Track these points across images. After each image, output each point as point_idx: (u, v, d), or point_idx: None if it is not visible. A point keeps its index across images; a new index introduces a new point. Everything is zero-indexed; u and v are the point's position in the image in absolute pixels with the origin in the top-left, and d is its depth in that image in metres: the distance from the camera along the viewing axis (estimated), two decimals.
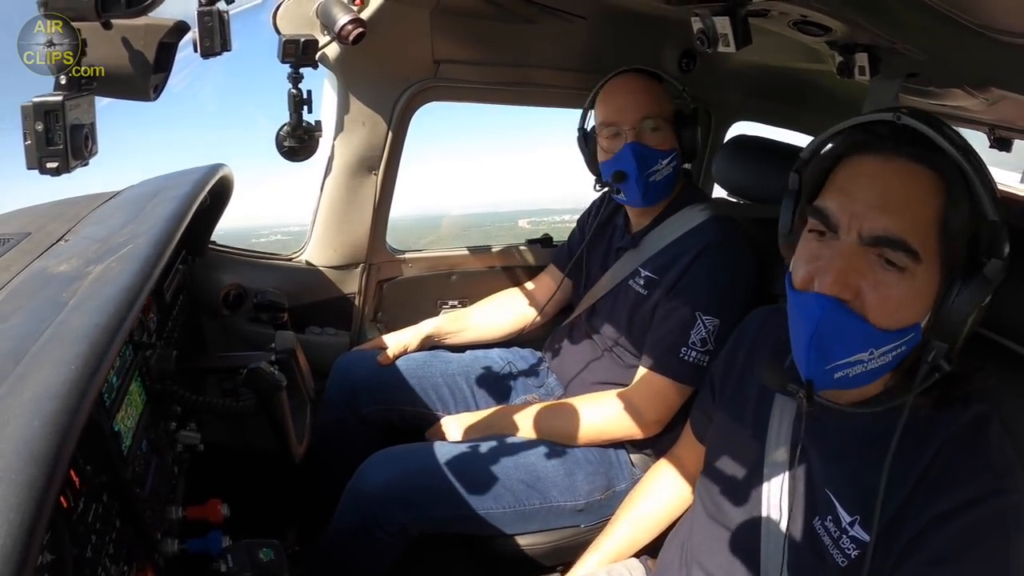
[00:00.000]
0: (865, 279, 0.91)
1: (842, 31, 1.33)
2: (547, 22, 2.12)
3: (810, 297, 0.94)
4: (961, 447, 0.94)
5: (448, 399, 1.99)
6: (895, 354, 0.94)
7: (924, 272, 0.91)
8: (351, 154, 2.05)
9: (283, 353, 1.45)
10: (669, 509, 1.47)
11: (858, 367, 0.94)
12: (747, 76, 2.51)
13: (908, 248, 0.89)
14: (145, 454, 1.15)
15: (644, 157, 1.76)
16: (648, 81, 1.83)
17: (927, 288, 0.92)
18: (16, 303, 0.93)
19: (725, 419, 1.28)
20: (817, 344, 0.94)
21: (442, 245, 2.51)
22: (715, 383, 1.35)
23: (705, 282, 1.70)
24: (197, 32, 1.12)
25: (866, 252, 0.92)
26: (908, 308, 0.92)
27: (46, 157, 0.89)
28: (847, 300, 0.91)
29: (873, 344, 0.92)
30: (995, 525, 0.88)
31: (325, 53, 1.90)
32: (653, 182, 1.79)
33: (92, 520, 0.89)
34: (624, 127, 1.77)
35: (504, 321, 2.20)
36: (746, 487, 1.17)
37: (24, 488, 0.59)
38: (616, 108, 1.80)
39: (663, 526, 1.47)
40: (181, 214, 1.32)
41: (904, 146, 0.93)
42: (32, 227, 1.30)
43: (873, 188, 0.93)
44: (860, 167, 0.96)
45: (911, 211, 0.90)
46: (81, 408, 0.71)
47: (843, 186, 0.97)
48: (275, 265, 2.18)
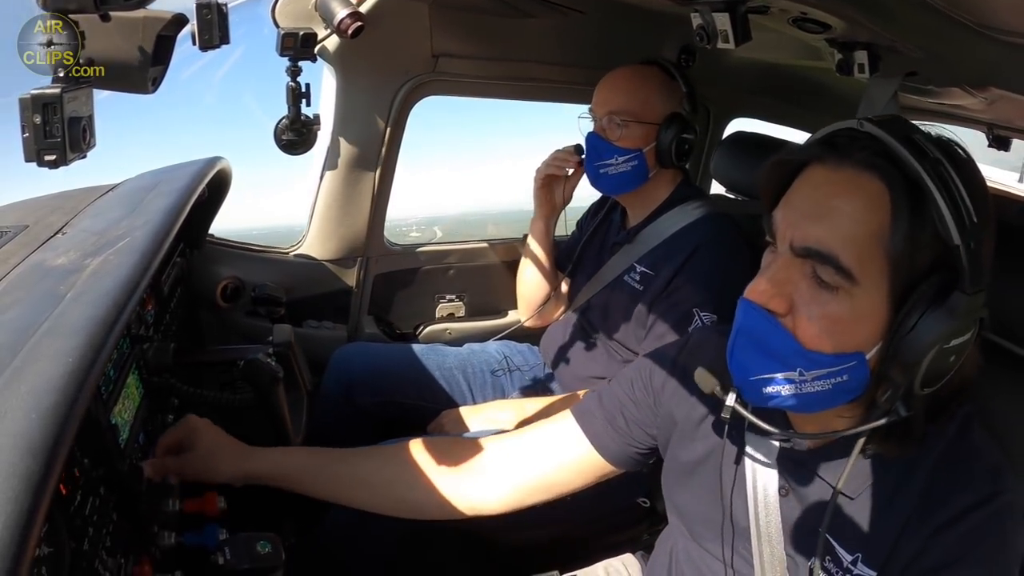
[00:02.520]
0: (799, 294, 0.86)
1: (842, 28, 1.33)
2: (546, 17, 2.12)
3: (741, 303, 0.90)
4: (952, 458, 0.91)
5: (445, 392, 2.00)
6: (835, 382, 0.86)
7: (865, 295, 0.84)
8: (350, 147, 2.06)
9: (280, 346, 1.45)
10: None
11: (788, 386, 0.87)
12: (746, 72, 2.51)
13: (839, 265, 0.83)
14: (142, 447, 1.15)
15: (598, 149, 1.83)
16: (647, 78, 1.83)
17: (871, 314, 0.85)
18: (14, 296, 0.93)
19: (689, 460, 1.14)
20: (741, 349, 0.91)
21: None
22: (659, 398, 1.19)
23: (702, 278, 1.70)
24: (196, 25, 1.12)
25: (801, 265, 0.86)
26: (843, 333, 0.85)
27: (44, 150, 0.88)
28: (777, 312, 0.86)
29: (802, 364, 0.86)
30: (992, 527, 0.87)
31: (324, 46, 1.90)
32: (604, 174, 1.84)
33: (89, 513, 0.88)
34: (596, 116, 1.85)
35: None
36: (734, 535, 1.07)
37: (21, 480, 0.59)
38: (596, 97, 1.86)
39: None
40: (179, 207, 1.32)
41: (856, 152, 0.85)
42: (30, 219, 1.30)
43: (811, 197, 0.88)
44: (809, 176, 0.90)
45: (848, 224, 0.83)
46: (78, 401, 0.71)
47: (789, 196, 0.91)
48: (273, 258, 2.18)
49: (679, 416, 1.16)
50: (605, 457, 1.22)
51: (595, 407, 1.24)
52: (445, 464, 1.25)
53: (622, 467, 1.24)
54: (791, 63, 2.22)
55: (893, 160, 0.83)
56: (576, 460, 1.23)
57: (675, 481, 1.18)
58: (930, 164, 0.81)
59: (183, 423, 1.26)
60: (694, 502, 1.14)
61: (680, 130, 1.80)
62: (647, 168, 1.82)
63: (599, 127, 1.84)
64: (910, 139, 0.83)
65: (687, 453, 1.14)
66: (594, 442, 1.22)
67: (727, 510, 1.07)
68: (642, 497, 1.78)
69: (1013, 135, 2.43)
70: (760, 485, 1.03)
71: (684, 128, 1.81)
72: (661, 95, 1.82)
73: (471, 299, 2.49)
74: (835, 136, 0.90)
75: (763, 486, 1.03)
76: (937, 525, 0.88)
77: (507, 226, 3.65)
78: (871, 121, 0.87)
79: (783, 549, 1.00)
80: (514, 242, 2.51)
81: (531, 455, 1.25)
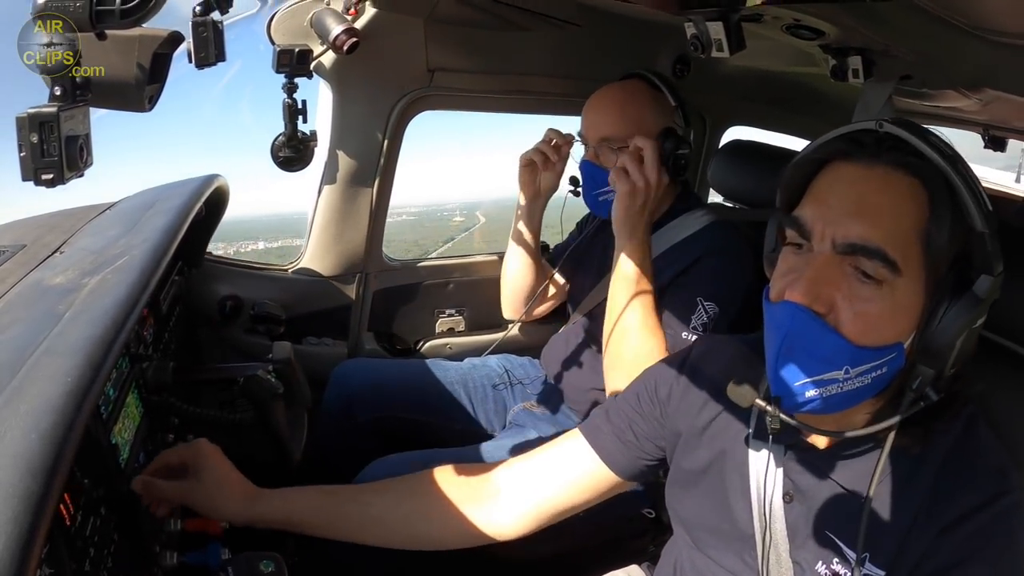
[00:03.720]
0: (840, 291, 0.86)
1: (835, 34, 1.34)
2: (541, 30, 2.13)
3: (779, 306, 0.89)
4: (959, 457, 0.91)
5: (446, 407, 1.99)
6: (875, 375, 0.88)
7: (905, 287, 0.86)
8: (347, 163, 2.06)
9: (280, 363, 1.45)
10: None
11: (832, 386, 0.88)
12: (741, 80, 2.52)
13: (886, 258, 0.84)
14: (143, 466, 1.14)
15: (594, 177, 1.79)
16: (634, 96, 1.78)
17: (909, 305, 0.87)
18: (12, 315, 0.93)
19: (693, 469, 1.13)
20: (786, 356, 0.89)
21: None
22: (664, 410, 1.19)
23: (707, 275, 1.69)
24: (192, 42, 1.12)
25: (841, 262, 0.87)
26: (887, 325, 0.87)
27: (41, 169, 0.88)
28: (820, 313, 0.86)
29: (848, 361, 0.86)
30: (1000, 526, 0.87)
31: (320, 62, 1.91)
32: (604, 202, 1.77)
33: (90, 533, 0.88)
34: (588, 142, 1.81)
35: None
36: (739, 543, 1.06)
37: (21, 501, 0.58)
38: (586, 122, 1.83)
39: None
40: (177, 226, 1.32)
41: (885, 152, 0.88)
42: (27, 239, 1.30)
43: (849, 195, 0.89)
44: (838, 174, 0.92)
45: (889, 219, 0.86)
46: (78, 420, 0.71)
47: (819, 194, 0.93)
48: (271, 275, 2.18)
49: (684, 426, 1.15)
50: (616, 472, 1.22)
51: (603, 423, 1.24)
52: (459, 494, 1.24)
53: (634, 480, 1.24)
54: (786, 70, 2.23)
55: (920, 158, 0.87)
56: (588, 477, 1.23)
57: (679, 490, 1.17)
58: (950, 160, 0.86)
59: (193, 445, 1.21)
60: (698, 511, 1.13)
61: (675, 146, 1.72)
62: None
63: (591, 154, 1.80)
64: (928, 139, 0.87)
65: (691, 462, 1.14)
66: (604, 458, 1.21)
67: (732, 518, 1.07)
68: (647, 508, 1.76)
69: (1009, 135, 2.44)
70: (765, 491, 1.02)
71: (678, 143, 1.73)
72: (652, 112, 1.77)
73: (471, 313, 2.49)
74: (858, 135, 0.92)
75: (768, 492, 1.02)
76: (944, 524, 0.88)
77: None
78: (890, 122, 0.90)
79: (789, 555, 1.00)
80: None
81: (543, 477, 1.25)
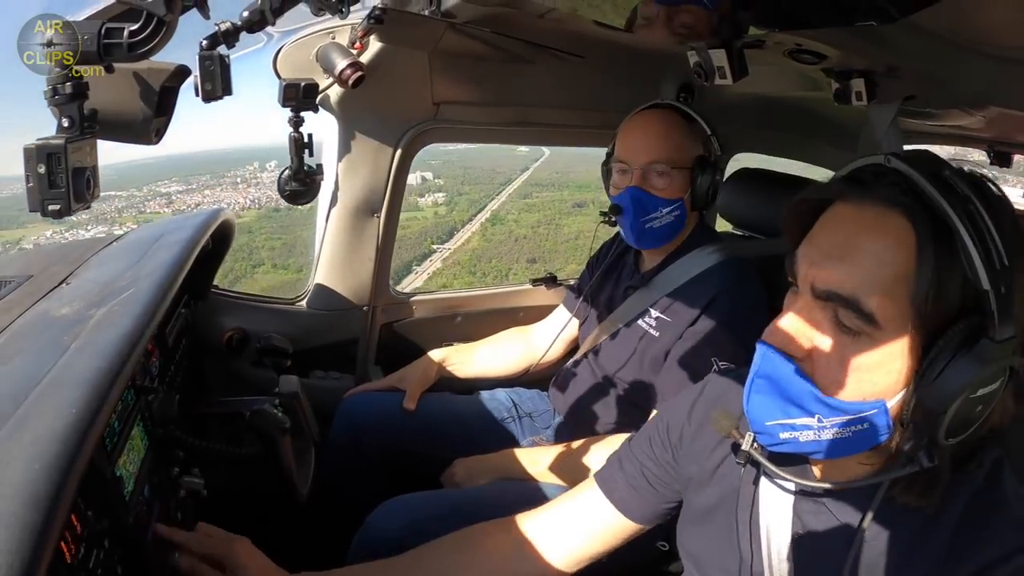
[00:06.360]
0: (820, 338, 0.82)
1: (837, 57, 1.35)
2: (545, 62, 2.15)
3: (759, 347, 0.86)
4: (979, 512, 0.84)
5: (454, 440, 1.95)
6: (856, 430, 0.82)
7: (888, 341, 0.79)
8: (353, 196, 2.07)
9: (287, 397, 1.44)
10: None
11: (807, 432, 0.83)
12: (746, 107, 2.53)
13: (859, 309, 0.78)
14: (147, 499, 1.13)
15: (643, 203, 1.73)
16: (671, 122, 1.77)
17: (893, 361, 0.80)
18: (18, 345, 0.93)
19: (704, 507, 1.10)
20: (758, 393, 0.87)
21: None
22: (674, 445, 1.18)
23: (721, 326, 1.66)
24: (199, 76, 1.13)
25: (823, 308, 0.82)
26: (864, 380, 0.81)
27: (48, 199, 0.89)
28: (796, 358, 0.83)
29: (820, 411, 0.82)
30: None
31: (327, 96, 1.93)
32: (649, 228, 1.75)
33: (93, 566, 0.86)
34: (632, 167, 1.75)
35: (510, 358, 2.19)
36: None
37: (24, 531, 0.58)
38: (628, 146, 1.77)
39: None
40: (183, 259, 1.32)
41: (881, 189, 0.81)
42: (34, 269, 1.31)
43: (836, 235, 0.83)
44: (833, 214, 0.86)
45: (871, 264, 0.79)
46: (82, 452, 0.71)
47: (812, 235, 0.87)
48: (277, 309, 2.18)
49: (695, 467, 1.13)
50: (635, 520, 1.20)
51: (616, 472, 1.22)
52: (490, 557, 1.23)
53: (653, 523, 1.22)
54: (790, 95, 2.23)
55: (920, 197, 0.78)
56: (609, 528, 1.21)
57: (690, 527, 1.14)
58: (959, 202, 0.76)
59: (234, 543, 1.16)
60: (708, 549, 1.10)
61: (713, 172, 1.74)
62: (686, 216, 1.78)
63: (637, 178, 1.74)
64: (938, 175, 0.78)
65: (701, 499, 1.11)
66: (621, 509, 1.20)
67: (739, 556, 1.03)
68: (661, 541, 1.73)
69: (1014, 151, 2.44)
70: (774, 530, 0.99)
71: (715, 170, 1.76)
72: (688, 138, 1.76)
73: None
74: (860, 172, 0.85)
75: (777, 531, 0.98)
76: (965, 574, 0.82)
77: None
78: (898, 156, 0.82)
79: None
80: (520, 290, 2.52)
81: (563, 530, 1.23)
